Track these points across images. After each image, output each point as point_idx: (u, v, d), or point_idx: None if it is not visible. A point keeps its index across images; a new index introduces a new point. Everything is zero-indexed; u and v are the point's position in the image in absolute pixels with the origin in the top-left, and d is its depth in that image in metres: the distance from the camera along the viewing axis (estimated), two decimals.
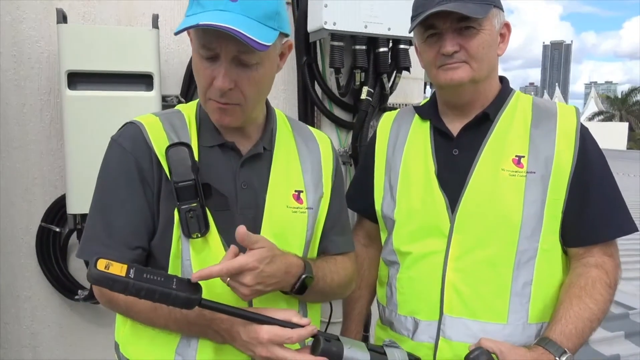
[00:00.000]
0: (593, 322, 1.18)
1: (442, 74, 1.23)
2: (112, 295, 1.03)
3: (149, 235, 1.08)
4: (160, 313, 1.03)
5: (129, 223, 1.06)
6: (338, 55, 1.96)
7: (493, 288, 1.21)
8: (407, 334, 1.30)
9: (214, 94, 1.04)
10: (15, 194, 2.04)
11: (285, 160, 1.18)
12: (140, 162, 1.06)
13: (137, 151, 1.07)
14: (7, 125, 2.01)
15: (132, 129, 1.10)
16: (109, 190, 1.09)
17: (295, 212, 1.15)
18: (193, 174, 1.04)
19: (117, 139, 1.11)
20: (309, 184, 1.19)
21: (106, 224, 1.06)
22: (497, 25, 1.24)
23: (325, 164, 1.24)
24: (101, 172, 1.11)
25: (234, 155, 1.13)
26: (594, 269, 1.23)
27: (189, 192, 1.03)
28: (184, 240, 1.05)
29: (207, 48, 1.00)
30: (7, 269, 2.08)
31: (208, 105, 1.08)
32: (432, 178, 1.28)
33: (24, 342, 2.12)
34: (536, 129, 1.25)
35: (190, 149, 1.07)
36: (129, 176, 1.06)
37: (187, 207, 1.03)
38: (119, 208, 1.07)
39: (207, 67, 1.02)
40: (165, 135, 1.09)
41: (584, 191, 1.22)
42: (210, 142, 1.12)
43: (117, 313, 1.15)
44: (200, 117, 1.14)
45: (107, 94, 1.84)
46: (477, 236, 1.22)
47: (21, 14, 1.97)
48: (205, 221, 1.04)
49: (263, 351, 0.96)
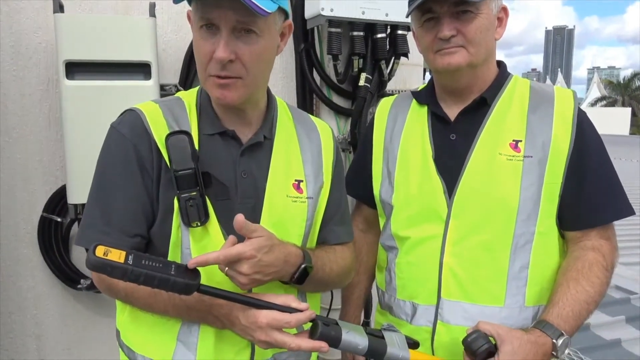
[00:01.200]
0: (590, 304, 1.19)
1: (439, 58, 1.23)
2: (111, 282, 1.04)
3: (148, 223, 1.08)
4: (160, 299, 1.03)
5: (127, 210, 1.06)
6: (336, 41, 1.95)
7: (490, 272, 1.22)
8: (405, 318, 1.32)
9: (214, 69, 1.02)
10: (15, 184, 2.05)
11: (285, 149, 1.18)
12: (140, 149, 1.06)
13: (137, 138, 1.07)
14: (7, 116, 2.01)
15: (132, 116, 1.10)
16: (107, 177, 1.08)
17: (295, 202, 1.15)
18: (193, 162, 1.04)
19: (116, 126, 1.10)
20: (309, 174, 1.18)
21: (104, 211, 1.06)
22: (495, 9, 1.23)
23: (326, 154, 1.24)
24: (100, 158, 1.10)
25: (234, 144, 1.12)
26: (591, 252, 1.23)
27: (188, 181, 1.03)
28: (183, 229, 1.06)
29: (206, 18, 1.00)
30: (10, 260, 2.09)
31: (208, 83, 1.06)
32: (430, 163, 1.28)
33: (28, 331, 2.14)
34: (533, 114, 1.25)
35: (190, 137, 1.06)
36: (127, 163, 1.06)
37: (187, 195, 1.03)
38: (117, 195, 1.07)
39: (207, 39, 1.01)
40: (165, 122, 1.08)
41: (581, 175, 1.22)
42: (210, 130, 1.12)
43: (117, 300, 1.16)
44: (201, 104, 1.14)
45: (105, 84, 1.84)
46: (475, 220, 1.23)
47: (19, 4, 1.97)
48: (205, 210, 1.05)
49: (262, 335, 0.97)
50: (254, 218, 1.08)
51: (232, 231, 0.99)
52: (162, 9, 2.05)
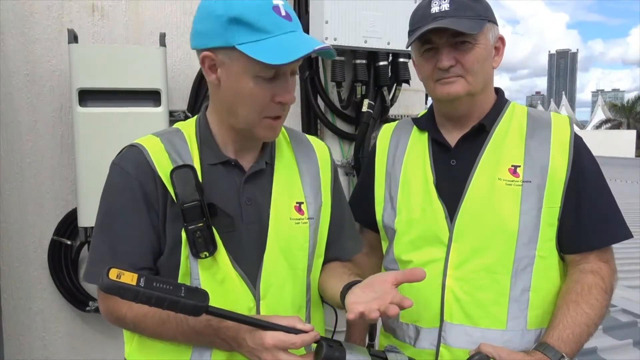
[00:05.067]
0: (590, 327, 1.20)
1: (439, 87, 1.27)
2: (119, 314, 1.07)
3: (155, 256, 1.11)
4: (169, 327, 1.05)
5: (135, 246, 1.09)
6: (339, 69, 2.01)
7: (492, 295, 1.23)
8: (409, 341, 1.33)
9: (273, 111, 1.08)
10: (27, 208, 2.10)
11: (286, 173, 1.21)
12: (145, 186, 1.08)
13: (141, 175, 1.08)
14: (21, 142, 2.07)
15: (135, 152, 1.11)
16: (114, 215, 1.10)
17: (297, 224, 1.18)
18: (198, 194, 1.06)
19: (119, 163, 1.12)
20: (308, 195, 1.22)
21: (112, 247, 1.09)
22: (492, 39, 1.27)
23: (324, 173, 1.27)
24: (105, 195, 1.12)
25: (237, 172, 1.15)
26: (590, 275, 1.24)
27: (195, 213, 1.05)
28: (192, 260, 1.08)
29: (271, 68, 1.01)
30: (20, 282, 2.12)
31: (262, 123, 1.09)
32: (431, 188, 1.31)
33: (37, 353, 2.15)
34: (531, 139, 1.28)
35: (194, 170, 1.09)
36: (134, 200, 1.08)
37: (194, 227, 1.05)
38: (125, 232, 1.09)
39: (267, 87, 1.04)
40: (167, 156, 1.10)
41: (578, 199, 1.24)
42: (213, 159, 1.14)
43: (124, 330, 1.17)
44: (201, 134, 1.16)
45: (116, 110, 1.90)
46: (476, 244, 1.25)
47: (34, 34, 2.04)
48: (213, 241, 1.07)
49: (268, 356, 0.99)
50: (261, 243, 1.13)
51: (240, 259, 1.08)
52: (171, 39, 2.12)
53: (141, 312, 1.06)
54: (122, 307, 1.07)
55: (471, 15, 1.22)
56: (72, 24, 2.05)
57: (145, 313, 1.05)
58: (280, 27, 1.02)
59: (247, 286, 1.11)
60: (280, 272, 1.15)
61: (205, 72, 1.09)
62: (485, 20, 1.24)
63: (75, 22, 2.06)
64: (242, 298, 1.11)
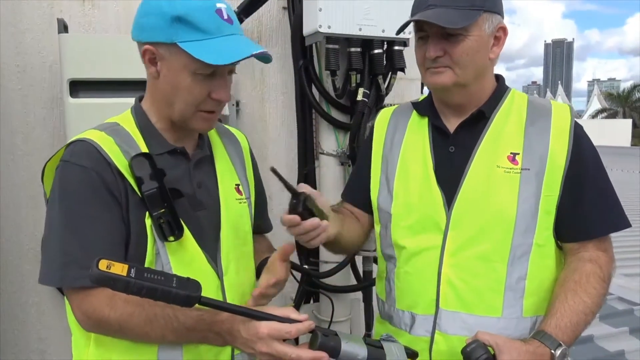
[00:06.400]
0: (587, 315, 1.19)
1: (428, 76, 1.27)
2: (100, 316, 1.04)
3: (126, 247, 1.09)
4: (157, 325, 1.04)
5: (107, 239, 1.06)
6: (333, 57, 1.98)
7: (488, 282, 1.23)
8: (405, 328, 1.33)
9: (209, 106, 1.13)
10: (20, 201, 2.08)
11: (222, 159, 1.30)
12: (104, 177, 1.06)
13: (98, 166, 1.06)
14: (11, 134, 2.05)
15: (84, 146, 1.09)
16: (78, 211, 1.06)
17: (240, 203, 1.29)
18: (157, 181, 1.08)
19: (70, 159, 1.08)
20: (242, 177, 1.33)
21: (83, 245, 1.04)
22: (489, 29, 1.23)
23: (247, 158, 1.39)
24: (61, 195, 1.07)
25: (183, 159, 1.19)
26: (588, 263, 1.24)
27: (157, 199, 1.07)
28: (160, 246, 1.09)
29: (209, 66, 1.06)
30: (14, 276, 2.11)
31: (196, 116, 1.14)
32: (430, 174, 1.30)
33: (32, 346, 2.15)
34: (531, 127, 1.27)
35: (150, 158, 1.10)
36: (96, 192, 1.06)
37: (159, 213, 1.07)
38: (93, 227, 1.05)
39: (205, 83, 1.10)
40: (118, 148, 1.10)
41: (577, 188, 1.24)
42: (160, 149, 1.16)
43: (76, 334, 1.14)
44: (141, 127, 1.17)
45: (108, 101, 1.86)
46: (473, 232, 1.24)
47: (24, 24, 2.01)
48: (178, 224, 1.09)
49: (263, 347, 0.98)
50: (216, 223, 1.21)
51: (204, 241, 1.15)
52: None
53: (126, 312, 1.03)
54: (103, 308, 1.03)
55: (464, 6, 1.19)
56: (63, 13, 2.02)
57: (130, 312, 1.03)
58: (221, 30, 1.07)
59: (211, 265, 1.17)
60: (235, 249, 1.24)
61: (145, 64, 1.13)
62: (481, 10, 1.20)
63: (66, 11, 2.03)
64: (209, 277, 1.16)
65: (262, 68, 2.36)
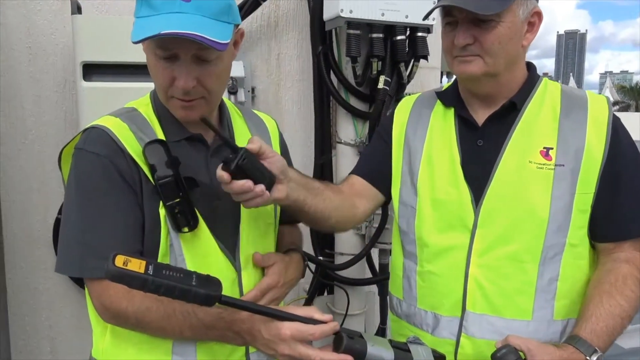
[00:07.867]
0: (624, 319, 1.14)
1: (456, 65, 1.20)
2: (118, 308, 1.01)
3: (144, 235, 1.06)
4: (175, 321, 1.01)
5: (124, 228, 1.03)
6: (354, 43, 1.92)
7: (518, 284, 1.18)
8: (427, 329, 1.28)
9: (177, 93, 1.04)
10: (31, 186, 2.05)
11: None
12: (118, 165, 1.03)
13: (112, 154, 1.03)
14: (23, 118, 2.01)
15: (98, 133, 1.06)
16: (94, 199, 1.04)
17: None
18: (172, 169, 1.03)
19: (84, 147, 1.05)
20: None
21: (102, 235, 1.02)
22: (523, 15, 1.16)
23: (274, 143, 1.32)
24: (76, 184, 1.05)
25: (201, 147, 1.14)
26: (624, 264, 1.18)
27: (172, 188, 1.03)
28: (174, 237, 1.05)
29: (165, 49, 0.99)
30: (25, 262, 2.09)
31: (171, 103, 1.07)
32: (458, 169, 1.25)
33: (42, 333, 2.14)
34: (566, 119, 1.20)
35: (165, 145, 1.05)
36: (110, 180, 1.03)
37: (173, 203, 1.02)
38: (110, 215, 1.03)
39: (166, 67, 1.02)
40: (132, 135, 1.06)
41: (614, 185, 1.18)
42: (177, 136, 1.11)
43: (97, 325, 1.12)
44: (159, 112, 1.12)
45: (122, 85, 1.83)
46: (502, 231, 1.19)
47: (35, 5, 1.97)
48: (193, 215, 1.05)
49: (285, 349, 0.95)
50: (234, 214, 1.15)
51: (220, 232, 1.10)
52: None
53: (144, 306, 1.00)
54: (121, 301, 1.01)
55: None
56: None
57: (148, 307, 1.00)
58: (167, 7, 0.97)
59: (228, 258, 1.12)
60: (255, 242, 1.18)
61: None
62: None
63: None
64: (225, 271, 1.10)
65: (278, 54, 2.30)
